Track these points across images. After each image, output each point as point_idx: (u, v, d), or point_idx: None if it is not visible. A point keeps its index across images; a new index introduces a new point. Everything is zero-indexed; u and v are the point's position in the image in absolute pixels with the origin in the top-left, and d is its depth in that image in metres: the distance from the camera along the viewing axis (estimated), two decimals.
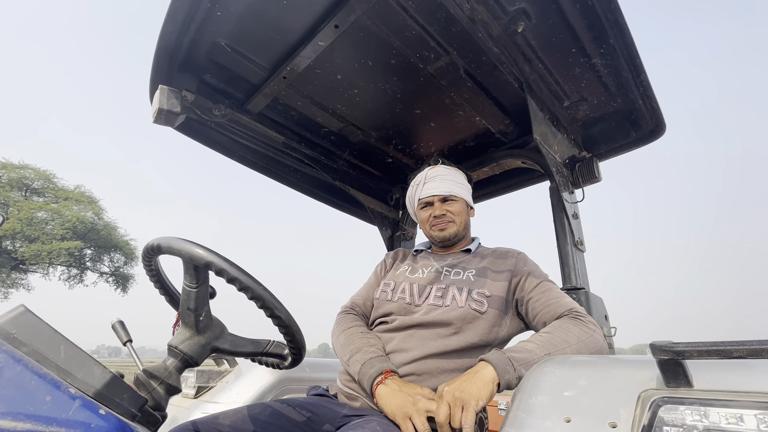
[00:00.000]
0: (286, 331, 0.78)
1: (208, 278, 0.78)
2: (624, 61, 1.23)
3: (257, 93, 1.53)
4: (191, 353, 0.76)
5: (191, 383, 1.48)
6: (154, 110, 1.38)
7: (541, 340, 0.86)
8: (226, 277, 0.71)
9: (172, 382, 0.73)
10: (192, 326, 0.78)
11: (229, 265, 0.72)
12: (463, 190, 1.27)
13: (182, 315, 0.78)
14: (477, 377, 0.79)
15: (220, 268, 0.71)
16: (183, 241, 0.74)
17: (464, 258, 1.19)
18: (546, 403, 0.62)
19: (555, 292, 1.01)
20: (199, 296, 0.77)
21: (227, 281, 0.72)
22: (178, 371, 0.75)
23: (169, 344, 0.77)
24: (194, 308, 0.77)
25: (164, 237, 0.76)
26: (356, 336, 1.08)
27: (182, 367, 0.76)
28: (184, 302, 0.77)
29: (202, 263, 0.71)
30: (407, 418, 0.80)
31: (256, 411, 1.01)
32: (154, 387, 0.71)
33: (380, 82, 1.46)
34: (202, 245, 0.73)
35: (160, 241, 0.76)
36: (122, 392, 0.59)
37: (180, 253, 0.73)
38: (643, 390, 0.55)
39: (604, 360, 0.67)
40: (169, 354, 0.77)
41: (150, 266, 0.85)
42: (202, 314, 0.78)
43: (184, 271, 0.77)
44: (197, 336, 0.78)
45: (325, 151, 1.89)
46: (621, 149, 1.58)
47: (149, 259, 0.83)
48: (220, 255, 0.72)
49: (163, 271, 0.90)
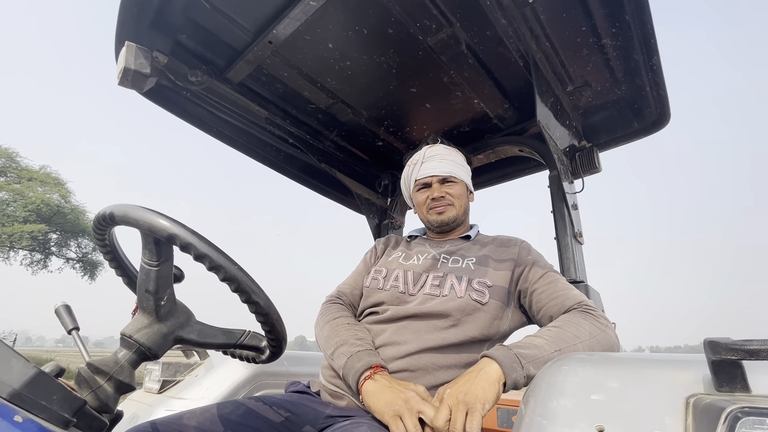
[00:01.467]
0: (264, 320, 0.67)
1: (172, 255, 0.66)
2: (637, 41, 1.16)
3: (239, 59, 1.38)
4: (149, 344, 0.64)
5: (155, 377, 1.34)
6: (119, 69, 1.21)
7: (550, 335, 0.78)
8: (194, 253, 0.59)
9: (124, 378, 0.61)
10: (151, 312, 0.65)
11: (198, 240, 0.59)
12: (463, 172, 1.17)
13: (140, 299, 0.66)
14: (481, 377, 0.70)
15: (186, 243, 0.59)
16: (141, 209, 0.61)
17: (463, 245, 1.10)
18: (570, 408, 0.53)
19: (562, 284, 0.93)
20: (160, 276, 0.64)
21: (195, 258, 0.60)
22: (132, 365, 0.63)
23: (123, 333, 0.65)
24: (154, 290, 0.64)
25: (119, 204, 0.63)
26: (342, 327, 0.97)
27: (137, 360, 0.64)
28: (142, 283, 0.65)
29: (163, 236, 0.59)
30: (397, 417, 0.71)
31: (226, 410, 0.89)
32: (99, 384, 0.59)
33: (375, 54, 1.35)
34: (164, 215, 0.60)
35: (114, 210, 0.63)
36: (50, 392, 0.46)
37: (137, 224, 0.60)
38: (690, 394, 0.47)
39: (631, 358, 0.59)
40: (122, 345, 0.64)
41: (103, 240, 0.72)
42: (163, 298, 0.66)
43: (142, 245, 0.64)
44: (157, 324, 0.66)
45: (311, 130, 1.76)
46: (622, 140, 1.52)
47: (102, 231, 0.69)
48: (186, 227, 0.60)
49: (119, 246, 0.76)
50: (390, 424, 0.71)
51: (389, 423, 0.71)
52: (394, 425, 0.70)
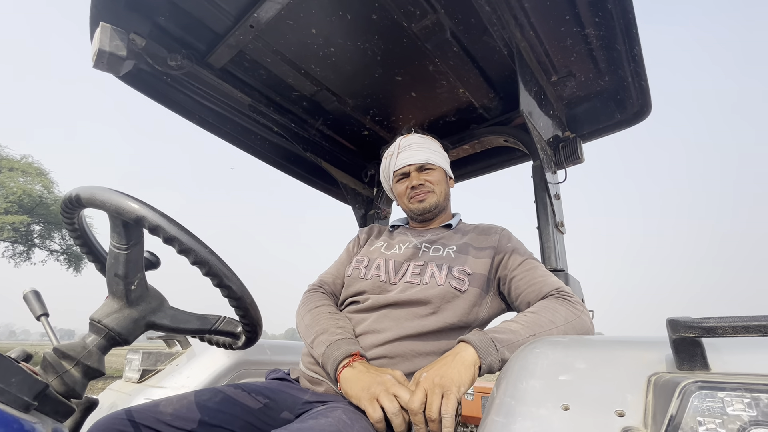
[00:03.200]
0: (237, 305, 0.66)
1: (143, 239, 0.65)
2: (619, 31, 1.17)
3: (220, 44, 1.35)
4: (119, 329, 0.63)
5: (135, 366, 1.32)
6: (93, 51, 1.18)
7: (526, 320, 0.79)
8: (163, 236, 0.58)
9: (92, 363, 0.60)
10: (121, 297, 0.64)
11: (167, 222, 0.58)
12: (440, 159, 1.17)
13: (109, 283, 0.64)
14: (457, 360, 0.71)
15: (154, 225, 0.57)
16: (109, 191, 0.59)
17: (444, 234, 1.10)
18: (539, 388, 0.54)
19: (540, 271, 0.94)
20: (130, 260, 0.63)
21: (164, 241, 0.59)
22: (101, 350, 0.62)
23: (91, 318, 0.63)
24: (123, 274, 0.63)
25: (86, 186, 0.61)
26: (323, 316, 0.97)
27: (107, 345, 0.62)
28: (111, 267, 0.63)
29: (131, 218, 0.57)
30: (374, 399, 0.70)
31: (204, 397, 0.88)
32: (66, 369, 0.57)
33: (359, 40, 1.33)
34: (132, 196, 0.59)
35: (80, 192, 0.61)
36: (8, 375, 0.45)
37: (104, 206, 0.58)
38: (652, 373, 0.48)
39: (600, 340, 0.60)
40: (91, 329, 0.63)
41: (72, 223, 0.70)
42: (134, 282, 0.64)
43: (111, 228, 0.62)
44: (128, 308, 0.64)
45: (296, 118, 1.73)
46: (605, 130, 1.54)
47: (70, 214, 0.67)
48: (155, 209, 0.59)
49: (89, 229, 0.74)
50: (367, 407, 0.71)
51: (366, 406, 0.71)
52: (371, 408, 0.70)
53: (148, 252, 0.84)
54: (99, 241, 0.77)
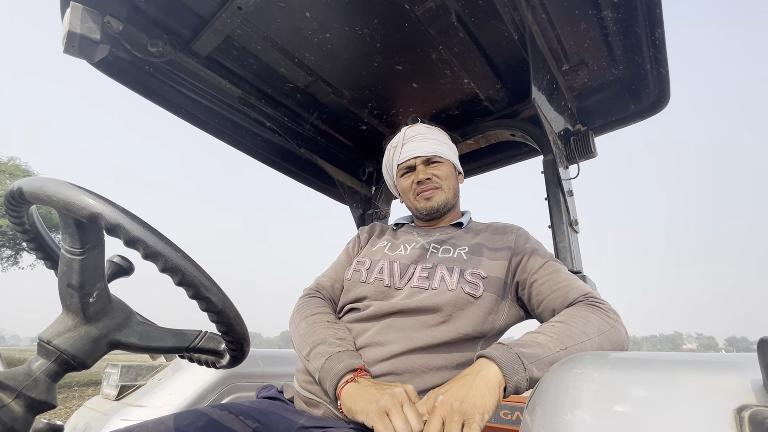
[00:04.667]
0: (218, 319, 0.55)
1: (102, 241, 0.54)
2: (641, 12, 1.07)
3: (205, 28, 1.24)
4: (74, 350, 0.52)
5: (113, 381, 1.20)
6: (63, 33, 1.06)
7: (555, 331, 0.69)
8: (124, 237, 0.47)
9: (38, 394, 0.48)
10: (77, 311, 0.53)
11: (129, 220, 0.47)
12: (449, 151, 1.07)
13: (62, 295, 0.53)
14: (479, 381, 0.60)
15: (113, 224, 0.46)
16: (58, 182, 0.48)
17: (454, 233, 1.00)
18: (590, 422, 0.44)
19: (564, 274, 0.84)
20: (86, 267, 0.52)
21: (126, 244, 0.48)
22: (51, 377, 0.51)
23: (40, 338, 0.52)
24: (78, 285, 0.52)
25: (31, 178, 0.50)
26: (320, 325, 0.86)
27: (59, 371, 0.51)
28: (64, 276, 0.52)
29: (84, 215, 0.46)
30: (384, 413, 0.59)
31: (185, 421, 0.77)
32: (4, 403, 0.46)
33: (357, 25, 1.23)
34: (87, 190, 0.48)
35: (23, 185, 0.50)
36: None
37: (51, 201, 0.47)
38: (740, 406, 0.38)
39: (657, 359, 0.50)
40: (39, 352, 0.52)
41: (20, 220, 0.59)
42: (92, 294, 0.53)
43: (62, 229, 0.51)
44: (84, 326, 0.53)
45: (289, 112, 1.62)
46: (618, 123, 1.45)
47: (16, 211, 0.56)
48: (114, 204, 0.48)
49: (43, 228, 0.63)
50: (376, 423, 0.59)
51: (375, 422, 0.59)
52: (381, 424, 0.58)
53: (119, 256, 0.73)
54: (56, 242, 0.66)
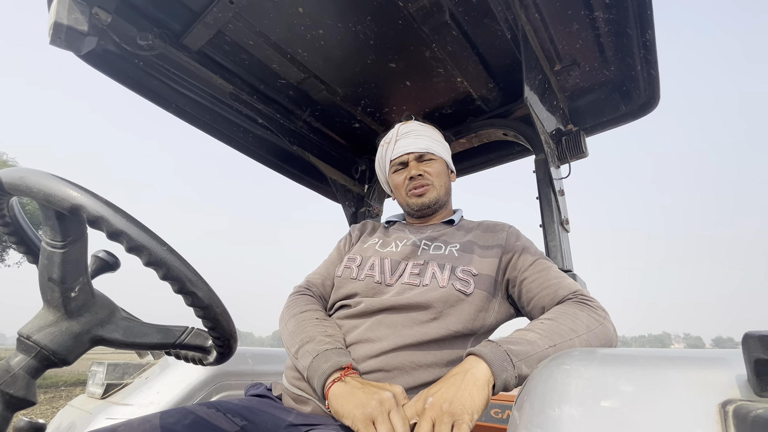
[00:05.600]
0: (204, 315, 0.54)
1: (85, 234, 0.52)
2: (632, 13, 1.08)
3: (196, 22, 1.23)
4: (54, 346, 0.51)
5: (99, 379, 1.18)
6: (50, 24, 1.04)
7: (544, 328, 0.69)
8: (107, 229, 0.46)
9: (16, 391, 0.47)
10: (58, 306, 0.52)
11: (112, 212, 0.46)
12: (441, 149, 1.08)
13: (42, 289, 0.52)
14: (468, 380, 0.60)
15: (95, 216, 0.45)
16: (38, 173, 0.47)
17: (446, 230, 1.00)
18: (577, 418, 0.44)
19: (554, 272, 0.84)
20: (67, 260, 0.51)
21: (109, 237, 0.47)
22: (31, 374, 0.49)
23: (19, 333, 0.51)
24: (60, 279, 0.51)
25: (10, 169, 0.49)
26: (309, 323, 0.86)
27: (38, 367, 0.50)
28: (45, 269, 0.51)
29: (65, 207, 0.45)
30: (369, 421, 0.60)
31: (172, 419, 0.76)
32: None
33: (350, 21, 1.22)
34: (68, 181, 0.47)
35: (2, 175, 0.48)
36: None
37: (31, 192, 0.46)
38: (724, 400, 0.39)
39: (643, 355, 0.50)
40: (18, 348, 0.51)
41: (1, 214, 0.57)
42: (74, 288, 0.52)
43: (42, 221, 0.50)
44: (66, 321, 0.52)
45: (281, 108, 1.61)
46: (609, 123, 1.46)
47: None
48: (97, 196, 0.47)
49: (23, 218, 0.61)
50: (361, 430, 0.60)
51: (360, 429, 0.60)
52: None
53: (104, 251, 0.71)
54: (36, 232, 0.64)
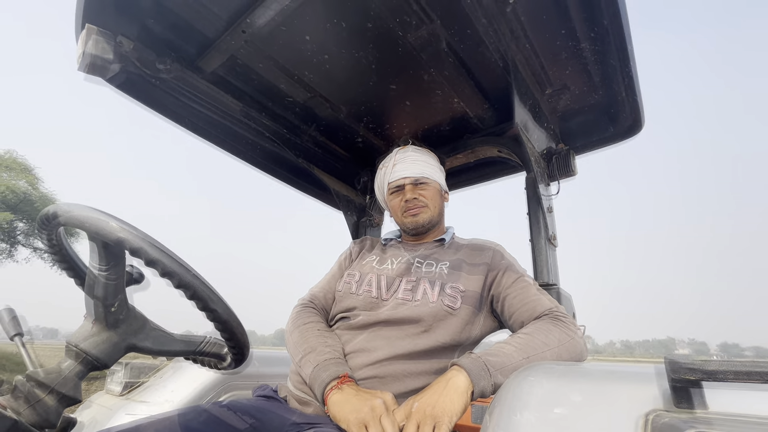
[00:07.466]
0: (223, 328, 0.64)
1: (124, 259, 0.62)
2: (614, 48, 1.17)
3: (210, 48, 1.32)
4: (97, 353, 0.60)
5: (118, 378, 1.28)
6: (78, 54, 1.14)
7: (519, 342, 0.78)
8: (145, 258, 0.55)
9: (67, 390, 0.57)
10: (100, 319, 0.61)
11: (149, 245, 0.56)
12: (436, 173, 1.16)
13: (87, 305, 0.62)
14: (449, 388, 0.69)
15: (136, 247, 0.55)
16: (88, 209, 0.57)
17: (437, 249, 1.09)
18: (533, 422, 0.52)
19: (534, 290, 0.93)
20: (109, 282, 0.60)
21: (146, 264, 0.56)
22: (78, 376, 0.59)
23: (68, 341, 0.60)
24: (102, 296, 0.60)
25: (65, 204, 0.58)
26: (312, 334, 0.95)
27: (84, 370, 0.60)
28: (90, 289, 0.61)
29: (111, 239, 0.55)
30: (362, 425, 0.69)
31: (188, 417, 0.85)
32: (39, 398, 0.54)
33: (354, 48, 1.31)
34: (113, 216, 0.56)
35: (58, 209, 0.58)
36: None
37: (83, 225, 0.56)
38: (649, 410, 0.47)
39: (596, 370, 0.59)
40: (67, 354, 0.60)
41: (50, 240, 0.67)
42: (114, 304, 0.62)
43: (90, 248, 0.60)
44: (107, 332, 0.62)
45: (288, 124, 1.71)
46: (598, 144, 1.54)
47: (48, 231, 0.64)
48: (136, 229, 0.56)
49: (68, 246, 0.71)
50: None
51: None
52: None
53: (131, 266, 0.81)
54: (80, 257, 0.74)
